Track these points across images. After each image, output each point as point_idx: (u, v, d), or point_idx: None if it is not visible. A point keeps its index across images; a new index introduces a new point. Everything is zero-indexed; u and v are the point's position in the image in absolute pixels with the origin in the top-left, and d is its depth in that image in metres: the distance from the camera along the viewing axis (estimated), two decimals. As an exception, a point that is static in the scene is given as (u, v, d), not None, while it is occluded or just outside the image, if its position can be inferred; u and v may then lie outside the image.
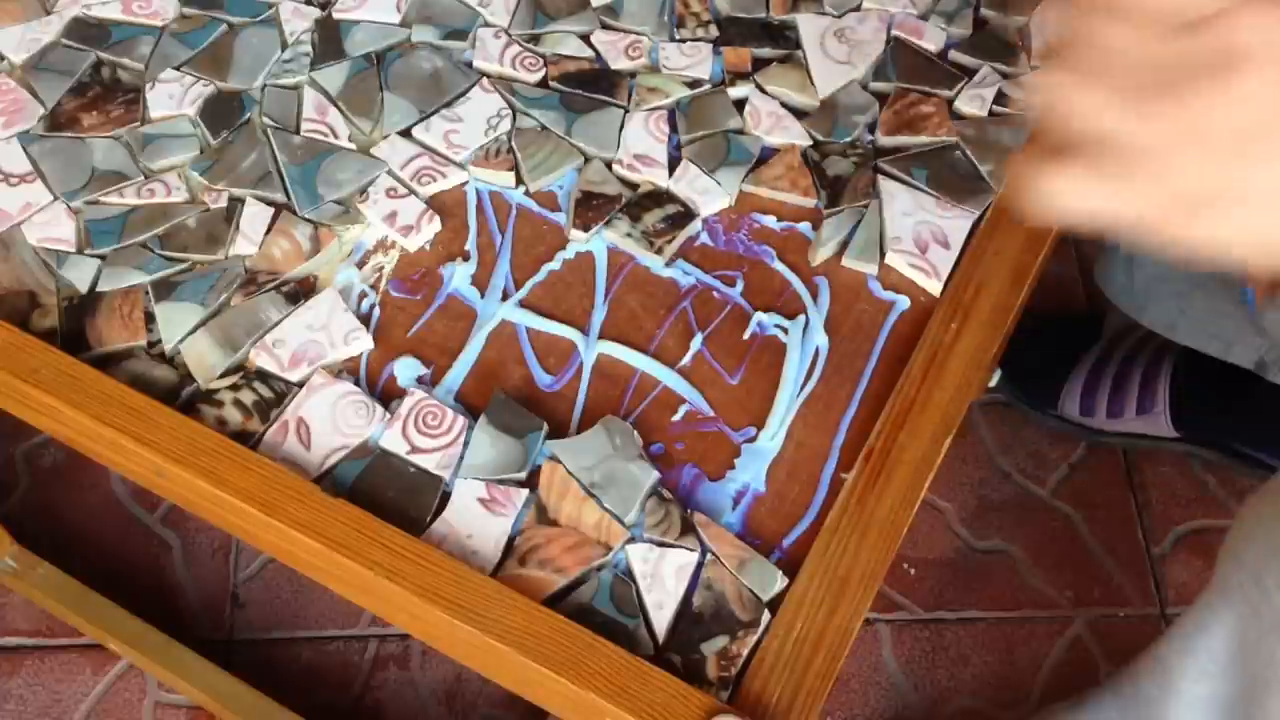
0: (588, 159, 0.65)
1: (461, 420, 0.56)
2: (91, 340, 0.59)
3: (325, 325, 0.59)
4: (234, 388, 0.57)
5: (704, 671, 0.50)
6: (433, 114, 0.66)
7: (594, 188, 0.64)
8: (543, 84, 0.68)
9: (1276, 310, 0.67)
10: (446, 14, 0.71)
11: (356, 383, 0.57)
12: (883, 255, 0.62)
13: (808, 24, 0.71)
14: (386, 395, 0.57)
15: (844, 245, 0.63)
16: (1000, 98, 0.68)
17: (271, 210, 0.63)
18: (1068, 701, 0.87)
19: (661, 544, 0.53)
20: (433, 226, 0.62)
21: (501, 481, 0.54)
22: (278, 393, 0.57)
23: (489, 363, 0.59)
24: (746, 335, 0.60)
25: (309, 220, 0.62)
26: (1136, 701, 0.76)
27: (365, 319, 0.60)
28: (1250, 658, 0.63)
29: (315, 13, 0.70)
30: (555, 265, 0.62)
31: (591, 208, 0.63)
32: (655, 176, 0.64)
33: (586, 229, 0.62)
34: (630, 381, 0.58)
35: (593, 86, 0.68)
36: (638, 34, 0.70)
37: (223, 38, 0.69)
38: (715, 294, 0.61)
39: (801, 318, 0.60)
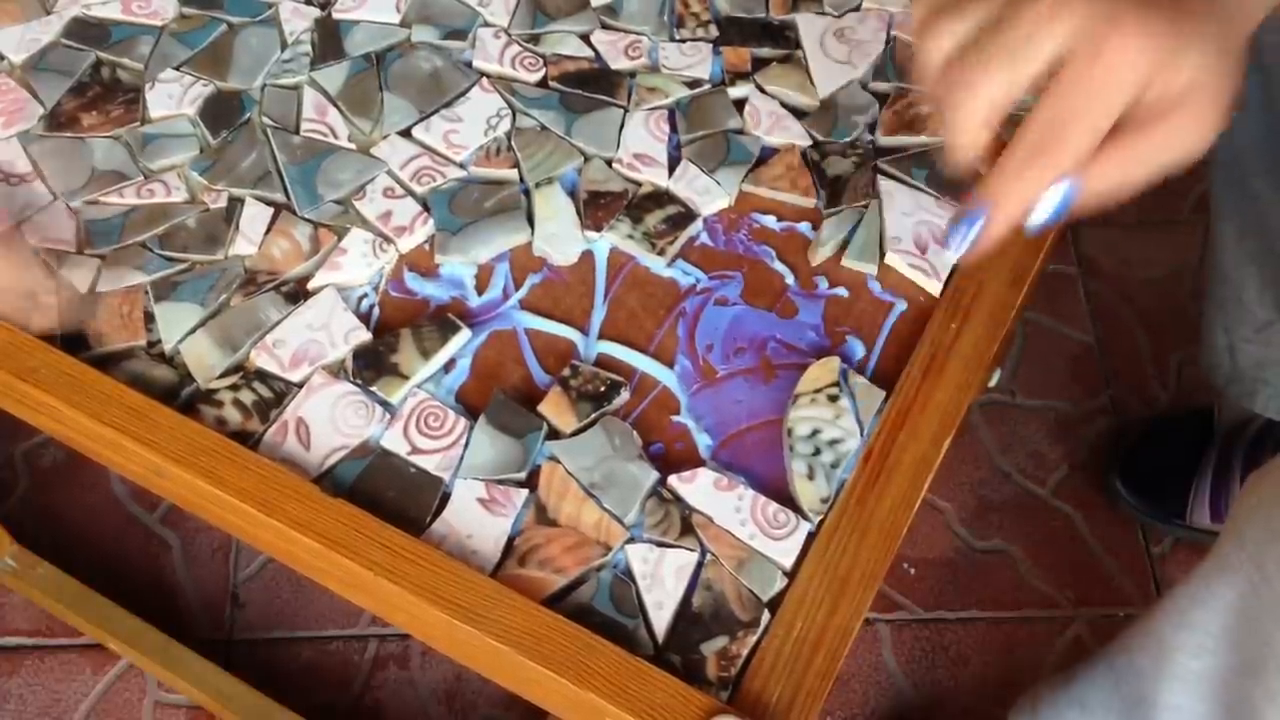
0: (587, 159, 0.65)
1: (463, 421, 0.56)
2: (91, 340, 0.59)
3: (325, 325, 0.59)
4: (234, 388, 0.57)
5: (704, 671, 0.50)
6: (432, 114, 0.66)
7: (598, 186, 0.64)
8: (542, 84, 0.68)
9: None
10: (446, 14, 0.71)
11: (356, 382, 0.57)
12: (882, 255, 0.62)
13: (808, 24, 0.71)
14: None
15: (844, 245, 0.63)
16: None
17: (271, 210, 0.63)
18: (1059, 677, 0.86)
19: (661, 544, 0.53)
20: (427, 229, 0.62)
21: (501, 481, 0.54)
22: (277, 393, 0.57)
23: (489, 363, 0.59)
24: (749, 340, 0.60)
25: (309, 220, 0.62)
26: (1130, 674, 0.75)
27: (365, 318, 0.60)
28: (1246, 638, 0.63)
29: (315, 13, 0.70)
30: (555, 265, 0.62)
31: (600, 206, 0.63)
32: (655, 176, 0.64)
33: (599, 229, 0.62)
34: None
35: (593, 86, 0.68)
36: (638, 34, 0.70)
37: (222, 38, 0.69)
38: (715, 294, 0.61)
39: (801, 318, 0.60)
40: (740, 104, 0.68)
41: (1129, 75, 0.43)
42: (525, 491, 0.54)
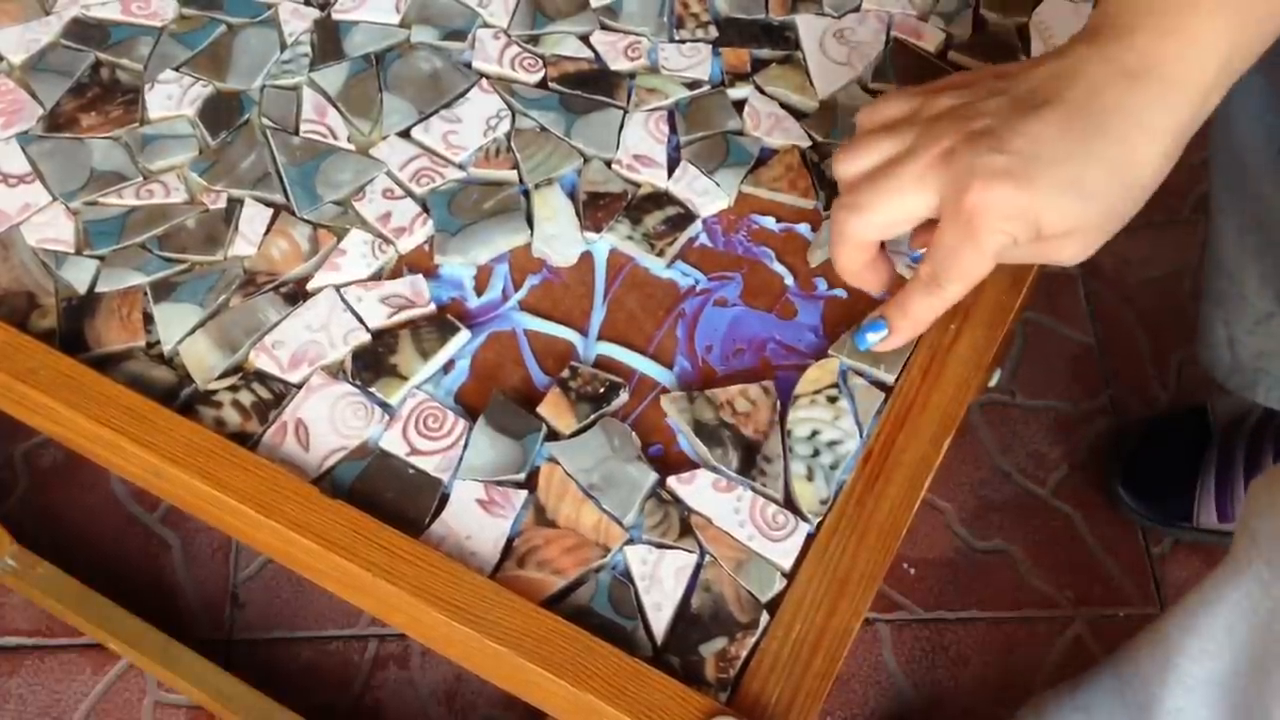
0: (587, 160, 0.65)
1: (462, 422, 0.56)
2: (90, 341, 0.59)
3: (325, 325, 0.59)
4: (233, 389, 0.57)
5: (702, 673, 0.50)
6: (432, 115, 0.66)
7: (597, 187, 0.64)
8: (542, 85, 0.68)
9: None
10: (446, 14, 0.71)
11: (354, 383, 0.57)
12: (882, 256, 0.62)
13: (807, 25, 0.71)
14: (385, 396, 0.57)
15: (843, 246, 0.63)
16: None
17: (270, 211, 0.63)
18: (1064, 684, 0.86)
19: (660, 545, 0.53)
20: (426, 229, 0.62)
21: (500, 483, 0.54)
22: (276, 394, 0.57)
23: (488, 364, 0.59)
24: (749, 341, 0.60)
25: (308, 221, 0.62)
26: (1135, 680, 0.75)
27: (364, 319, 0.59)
28: (1256, 636, 0.63)
29: (314, 13, 0.70)
30: (554, 266, 0.62)
31: (600, 207, 0.63)
32: (654, 177, 0.64)
33: (598, 230, 0.62)
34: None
35: (592, 87, 0.68)
36: (637, 35, 0.70)
37: (222, 38, 0.69)
38: (714, 295, 0.61)
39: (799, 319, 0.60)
40: (740, 105, 0.68)
41: (991, 225, 0.48)
42: (524, 493, 0.54)
